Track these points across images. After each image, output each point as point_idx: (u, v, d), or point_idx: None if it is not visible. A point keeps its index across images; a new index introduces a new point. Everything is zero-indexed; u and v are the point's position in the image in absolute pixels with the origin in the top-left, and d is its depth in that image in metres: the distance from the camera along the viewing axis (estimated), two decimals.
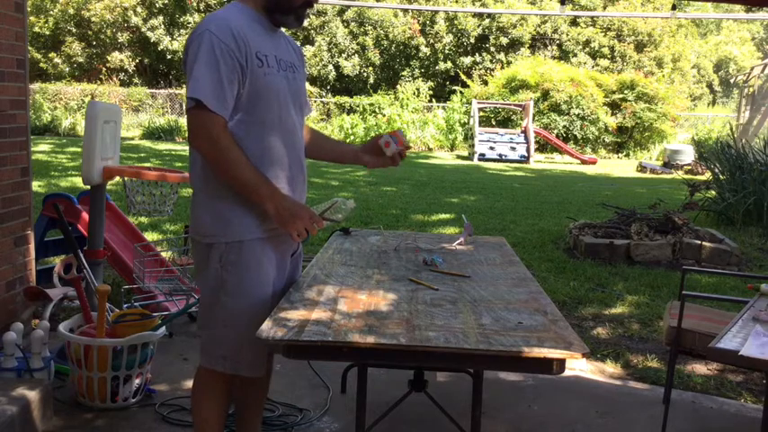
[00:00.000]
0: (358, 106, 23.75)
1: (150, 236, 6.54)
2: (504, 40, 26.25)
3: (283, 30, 2.30)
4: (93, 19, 25.91)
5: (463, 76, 24.85)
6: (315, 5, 2.25)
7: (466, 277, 2.55)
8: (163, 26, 26.36)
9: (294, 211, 2.11)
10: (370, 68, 26.52)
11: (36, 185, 8.74)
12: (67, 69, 26.56)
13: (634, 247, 6.42)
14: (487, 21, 26.17)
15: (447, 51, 26.48)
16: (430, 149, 21.87)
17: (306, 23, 25.86)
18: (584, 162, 19.33)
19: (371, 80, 26.69)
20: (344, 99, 24.69)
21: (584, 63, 25.88)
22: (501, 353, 1.79)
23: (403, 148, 2.41)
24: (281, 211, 2.10)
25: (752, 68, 21.63)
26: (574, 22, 26.95)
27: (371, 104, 23.58)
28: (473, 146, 18.92)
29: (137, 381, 3.08)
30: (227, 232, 2.14)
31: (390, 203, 9.67)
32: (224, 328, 2.16)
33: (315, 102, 24.50)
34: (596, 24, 26.92)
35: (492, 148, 18.90)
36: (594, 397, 3.42)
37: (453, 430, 2.58)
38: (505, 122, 21.99)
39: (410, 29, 26.29)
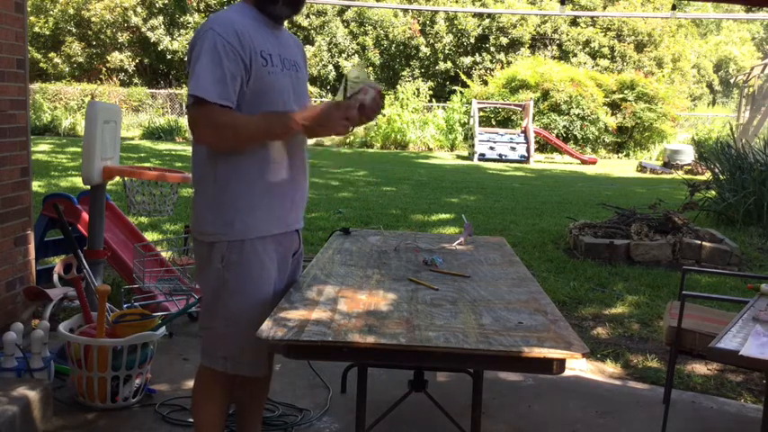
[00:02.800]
0: None
1: (150, 236, 6.53)
2: (504, 40, 26.25)
3: (285, 28, 2.31)
4: (93, 19, 25.91)
5: (463, 76, 24.84)
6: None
7: (466, 277, 2.55)
8: (163, 26, 26.35)
9: (323, 116, 2.10)
10: (370, 68, 26.51)
11: (36, 185, 8.73)
12: (67, 69, 26.55)
13: (634, 247, 6.42)
14: (487, 21, 26.18)
15: (447, 51, 26.48)
16: (430, 149, 21.85)
17: (306, 23, 25.89)
18: (584, 162, 19.32)
19: (371, 80, 26.67)
20: None
21: (585, 63, 25.88)
22: (501, 353, 1.79)
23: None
24: (310, 126, 2.11)
25: (752, 68, 21.63)
26: (574, 22, 26.96)
27: None
28: (473, 146, 18.91)
29: (137, 381, 3.08)
30: (229, 231, 2.13)
31: (390, 203, 9.67)
32: (225, 328, 2.16)
33: (315, 102, 24.47)
34: (596, 24, 26.92)
35: (492, 148, 18.89)
36: (594, 397, 3.42)
37: (453, 430, 2.58)
38: (505, 122, 21.98)
39: (410, 29, 26.29)
